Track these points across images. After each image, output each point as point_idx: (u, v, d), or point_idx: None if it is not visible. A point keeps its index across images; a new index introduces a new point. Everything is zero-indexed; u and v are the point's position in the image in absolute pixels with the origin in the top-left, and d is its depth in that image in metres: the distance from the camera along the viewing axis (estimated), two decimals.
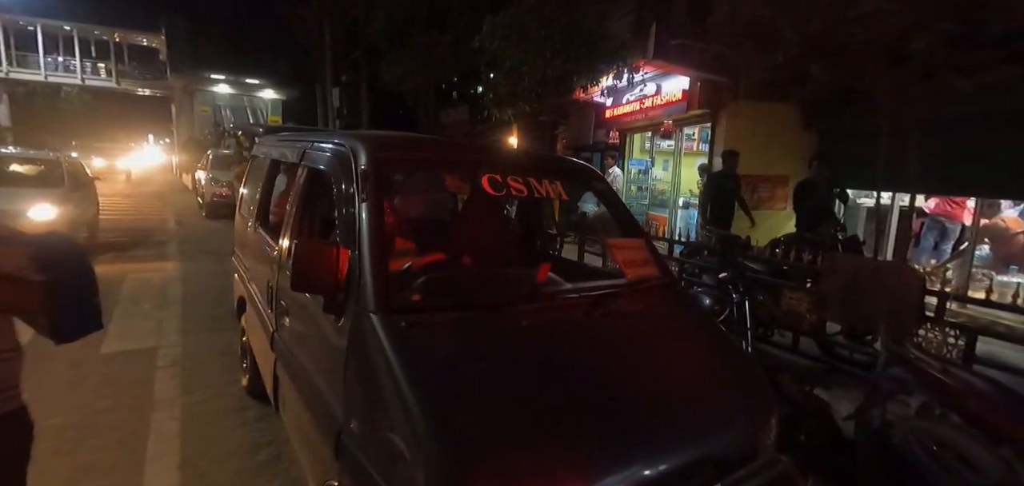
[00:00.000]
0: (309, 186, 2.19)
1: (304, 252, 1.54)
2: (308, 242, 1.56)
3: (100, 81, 34.00)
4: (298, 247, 1.54)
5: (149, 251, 7.85)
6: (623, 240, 2.27)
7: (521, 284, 1.84)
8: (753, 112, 7.41)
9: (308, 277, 1.54)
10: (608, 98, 9.86)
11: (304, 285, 1.55)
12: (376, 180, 1.71)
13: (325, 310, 1.60)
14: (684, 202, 9.42)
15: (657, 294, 2.10)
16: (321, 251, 1.56)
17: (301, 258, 1.53)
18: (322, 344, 1.72)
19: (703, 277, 4.91)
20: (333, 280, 1.56)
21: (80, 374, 3.62)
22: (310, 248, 1.56)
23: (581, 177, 2.44)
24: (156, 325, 4.67)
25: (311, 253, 1.55)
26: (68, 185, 6.91)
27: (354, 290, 1.54)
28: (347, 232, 1.66)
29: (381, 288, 1.49)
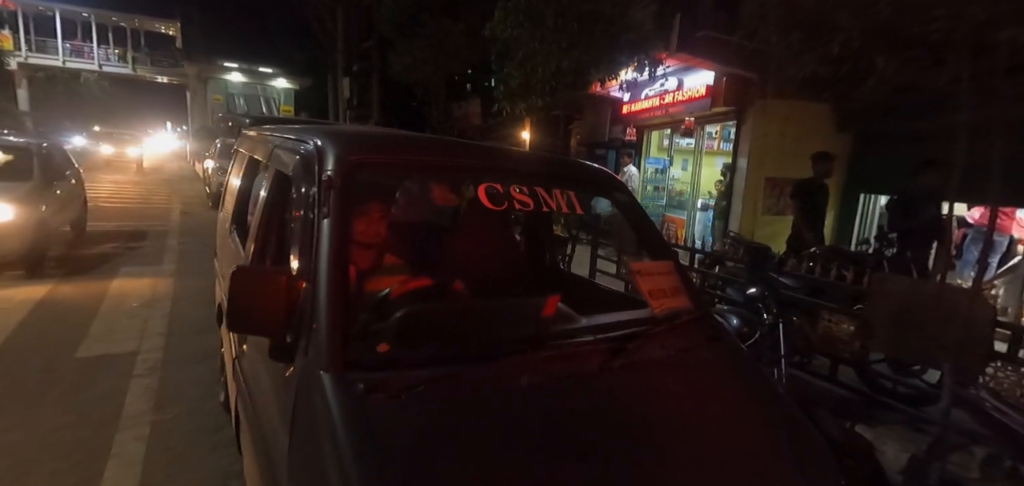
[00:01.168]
0: (275, 194, 1.84)
1: (243, 281, 1.20)
2: (248, 269, 1.22)
3: (117, 67, 34.26)
4: (236, 275, 1.20)
5: (146, 243, 7.62)
6: (648, 264, 1.89)
7: (522, 323, 1.47)
8: (783, 111, 6.92)
9: (247, 313, 1.20)
10: (626, 93, 9.42)
11: (242, 322, 1.20)
12: (343, 191, 1.35)
13: (271, 355, 1.25)
14: (703, 204, 8.97)
15: (690, 333, 1.73)
16: (265, 280, 1.21)
17: (239, 289, 1.19)
18: (272, 395, 1.37)
19: (727, 291, 4.50)
20: (280, 318, 1.21)
21: (51, 380, 3.35)
22: (251, 277, 1.21)
23: (599, 186, 2.06)
24: (140, 325, 4.39)
25: (252, 283, 1.20)
26: (38, 179, 5.69)
27: (305, 335, 1.19)
28: (303, 257, 1.31)
29: (336, 338, 1.13)
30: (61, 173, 6.61)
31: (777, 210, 7.47)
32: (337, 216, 1.30)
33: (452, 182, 1.93)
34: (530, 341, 1.37)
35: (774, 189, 7.36)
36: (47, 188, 5.85)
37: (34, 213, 5.29)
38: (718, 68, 6.89)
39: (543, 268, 2.70)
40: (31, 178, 5.61)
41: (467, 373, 1.20)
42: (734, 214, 7.52)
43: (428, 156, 1.55)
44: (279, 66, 30.24)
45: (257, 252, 1.83)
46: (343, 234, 1.29)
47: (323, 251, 1.25)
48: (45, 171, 5.93)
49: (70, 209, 6.79)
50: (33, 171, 5.71)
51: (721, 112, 7.38)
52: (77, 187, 7.27)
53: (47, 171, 6.01)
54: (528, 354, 1.30)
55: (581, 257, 5.97)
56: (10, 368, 3.49)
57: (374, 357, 1.17)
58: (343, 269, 1.24)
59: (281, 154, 1.81)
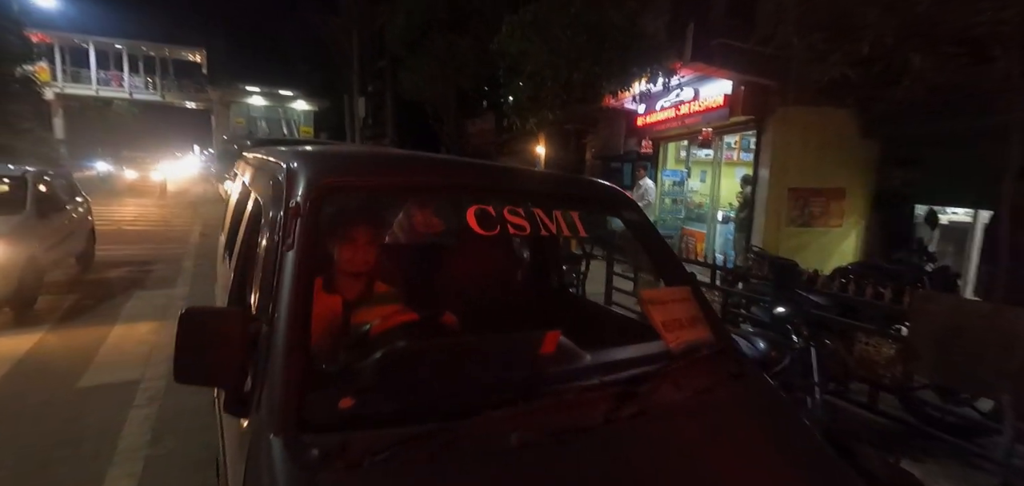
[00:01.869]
0: (252, 222, 1.70)
1: (193, 324, 1.05)
2: (199, 309, 1.06)
3: (146, 95, 35.58)
4: (186, 318, 1.05)
5: (162, 266, 7.67)
6: (662, 291, 1.69)
7: (517, 364, 1.28)
8: (804, 118, 6.62)
9: (197, 360, 1.04)
10: (640, 105, 9.21)
11: (191, 371, 1.05)
12: (310, 220, 1.20)
13: (226, 408, 1.09)
14: (723, 216, 8.66)
15: (710, 369, 1.52)
16: (219, 321, 1.06)
17: (188, 333, 1.04)
18: (230, 453, 1.22)
19: (752, 310, 4.23)
20: (235, 365, 1.05)
21: (48, 412, 3.29)
22: (202, 318, 1.06)
23: (605, 204, 1.88)
24: (146, 352, 4.33)
25: (204, 325, 1.05)
26: (30, 212, 5.18)
27: (258, 388, 1.03)
28: (263, 294, 1.16)
29: (290, 394, 0.97)
30: (61, 204, 6.14)
31: (802, 221, 7.13)
32: (302, 249, 1.14)
33: (437, 206, 1.76)
34: (524, 387, 1.19)
35: (798, 200, 7.03)
36: (41, 221, 5.39)
37: (20, 251, 4.77)
38: (735, 76, 6.65)
39: (550, 293, 2.52)
40: (22, 210, 5.16)
41: (445, 432, 1.02)
42: (757, 227, 7.20)
43: (410, 177, 1.40)
44: (299, 88, 30.99)
45: (235, 286, 1.69)
46: (307, 270, 1.13)
47: (284, 289, 1.09)
48: (41, 202, 5.49)
49: (73, 241, 6.36)
50: (25, 203, 5.25)
51: (740, 121, 7.12)
52: (83, 217, 6.86)
53: (44, 202, 5.58)
54: (520, 404, 1.12)
55: (597, 274, 5.75)
56: (9, 401, 3.42)
57: (335, 415, 1.00)
58: (304, 311, 1.08)
59: (258, 178, 1.68)
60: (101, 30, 31.93)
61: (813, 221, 7.16)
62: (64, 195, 6.45)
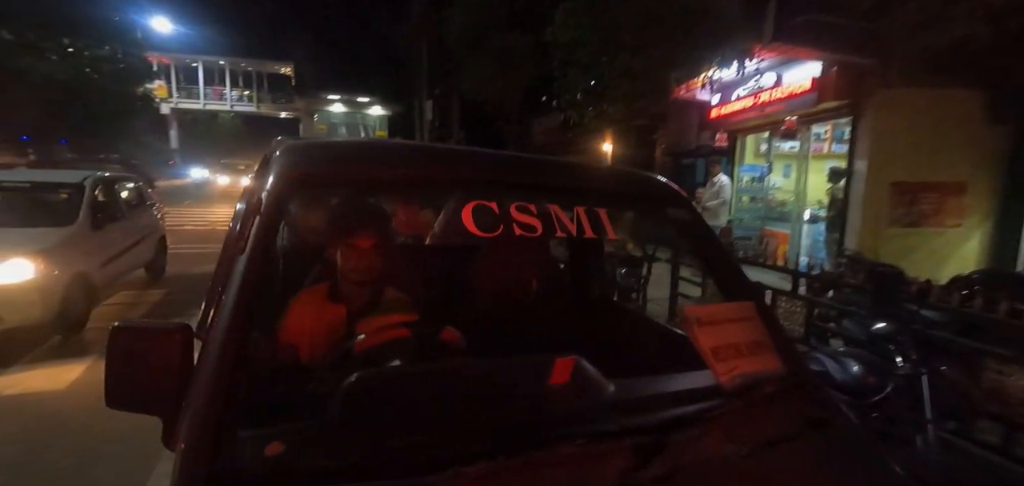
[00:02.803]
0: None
1: (125, 340, 0.91)
2: (133, 324, 0.92)
3: (245, 106, 39.18)
4: (116, 332, 0.91)
5: None
6: (713, 308, 1.35)
7: (511, 403, 1.03)
8: (913, 101, 5.69)
9: (129, 383, 0.90)
10: (714, 95, 8.49)
11: (122, 397, 0.91)
12: (272, 217, 1.03)
13: (164, 442, 0.94)
14: (811, 215, 7.74)
15: (779, 413, 1.18)
16: (153, 339, 0.91)
17: (119, 350, 0.90)
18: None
19: (844, 324, 3.62)
20: (171, 392, 0.90)
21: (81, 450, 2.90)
22: (135, 334, 0.92)
23: (645, 200, 1.56)
24: None
25: (136, 342, 0.91)
26: (83, 224, 4.64)
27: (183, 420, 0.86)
28: (207, 308, 1.00)
29: (205, 435, 0.79)
30: (120, 212, 5.57)
31: (909, 221, 6.15)
32: (254, 253, 0.97)
33: (427, 198, 1.54)
34: (515, 433, 0.93)
35: (904, 196, 6.07)
36: (97, 233, 4.81)
37: (64, 269, 4.19)
38: (826, 56, 5.85)
39: (588, 304, 2.22)
40: (73, 222, 4.57)
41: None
42: (851, 227, 6.32)
43: (394, 169, 1.19)
44: (374, 95, 32.68)
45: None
46: (255, 278, 0.95)
47: (226, 300, 0.92)
48: (100, 212, 4.95)
49: (139, 252, 5.91)
50: (79, 212, 4.67)
51: (831, 108, 6.28)
52: (153, 225, 6.46)
53: (103, 211, 5.05)
54: (502, 459, 0.86)
55: (659, 280, 5.29)
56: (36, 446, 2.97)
57: (259, 464, 0.81)
58: (241, 328, 0.89)
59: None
60: (207, 50, 35.56)
61: (923, 220, 6.16)
62: (132, 202, 6.09)
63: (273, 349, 1.21)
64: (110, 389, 0.91)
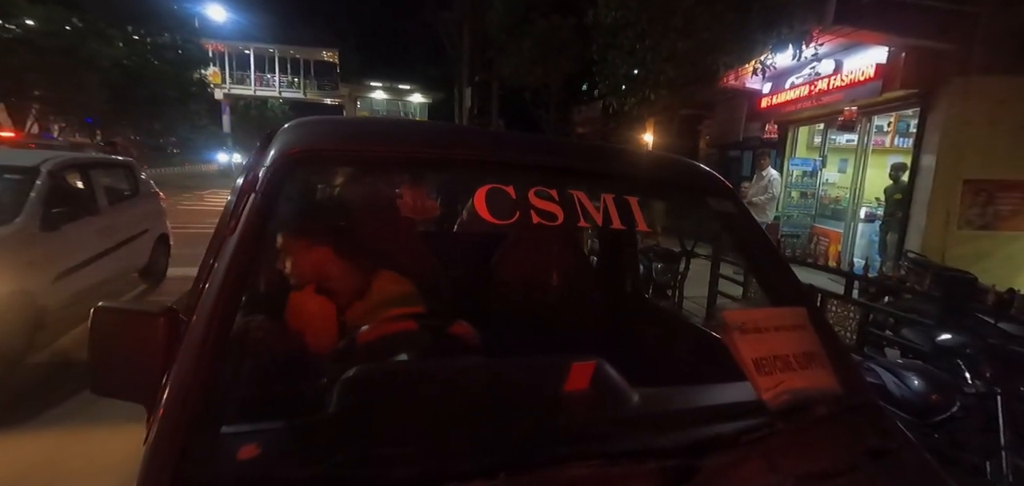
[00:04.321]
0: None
1: (108, 322, 0.86)
2: (116, 306, 0.88)
3: (293, 93, 40.57)
4: (99, 314, 0.86)
5: None
6: (756, 313, 1.19)
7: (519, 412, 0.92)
8: (992, 91, 5.15)
9: (114, 368, 0.86)
10: (766, 83, 8.01)
11: (107, 382, 0.87)
12: (268, 196, 0.96)
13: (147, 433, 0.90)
14: (867, 213, 7.21)
15: (834, 440, 1.03)
16: (137, 322, 0.86)
17: (102, 333, 0.86)
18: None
19: (904, 334, 3.30)
20: (156, 379, 0.85)
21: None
22: (118, 317, 0.87)
23: (687, 189, 1.41)
24: None
25: (119, 325, 0.86)
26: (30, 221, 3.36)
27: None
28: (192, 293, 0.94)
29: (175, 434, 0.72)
30: (96, 205, 4.23)
31: (982, 223, 5.62)
32: (245, 234, 0.90)
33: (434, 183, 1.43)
34: (519, 448, 0.83)
35: (978, 195, 5.53)
36: (51, 234, 3.51)
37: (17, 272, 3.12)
38: (894, 40, 5.37)
39: (620, 301, 2.07)
40: (14, 220, 3.30)
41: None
42: (915, 227, 5.82)
43: (400, 148, 1.10)
44: (415, 82, 33.05)
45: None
46: (244, 262, 0.88)
47: (211, 285, 0.86)
48: (55, 204, 3.62)
49: (125, 255, 4.56)
50: (24, 207, 3.38)
51: (898, 97, 5.78)
52: (147, 218, 5.08)
53: (64, 204, 3.74)
54: (503, 478, 0.76)
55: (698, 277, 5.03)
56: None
57: (233, 469, 0.74)
58: (223, 315, 0.83)
59: None
60: (258, 37, 36.94)
61: (999, 223, 5.61)
62: (121, 192, 4.82)
63: (265, 339, 1.15)
64: (94, 374, 0.87)
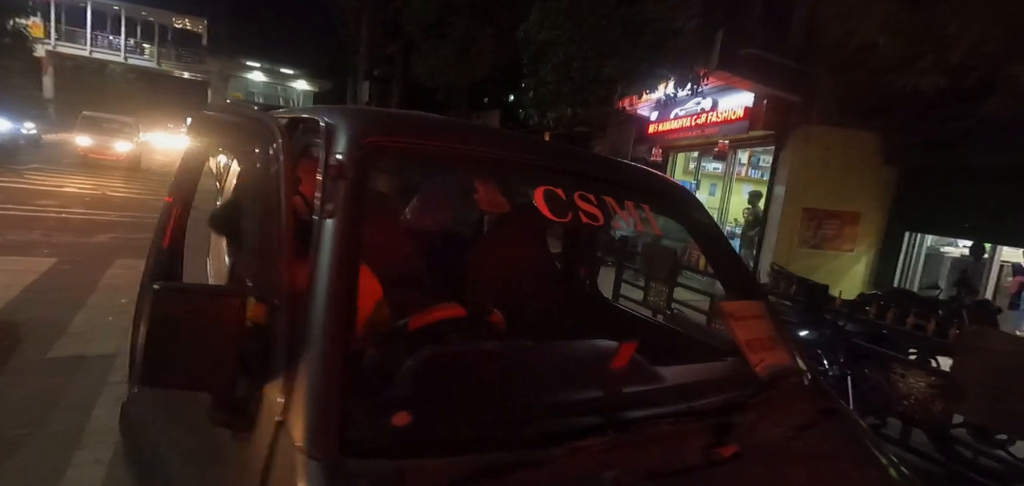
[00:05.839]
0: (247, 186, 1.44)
1: (172, 304, 0.78)
2: (180, 286, 0.81)
3: (142, 60, 34.74)
4: (161, 295, 0.78)
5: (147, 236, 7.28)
6: (742, 305, 1.46)
7: (593, 384, 1.04)
8: (825, 138, 6.48)
9: (175, 355, 0.78)
10: (654, 112, 9.03)
11: (168, 372, 0.79)
12: (358, 181, 0.96)
13: (214, 418, 0.84)
14: (729, 232, 8.52)
15: (803, 403, 1.31)
16: (207, 303, 0.80)
17: (164, 316, 0.77)
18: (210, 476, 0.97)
19: None
20: (228, 362, 0.80)
21: (16, 383, 2.98)
22: (183, 298, 0.80)
23: (673, 200, 1.64)
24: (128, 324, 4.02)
25: (186, 307, 0.79)
26: None
27: (277, 392, 0.78)
28: (268, 272, 0.91)
29: (330, 405, 0.72)
30: None
31: (814, 243, 6.99)
32: (347, 219, 0.89)
33: (503, 179, 1.50)
34: (608, 412, 0.95)
35: (812, 220, 6.89)
36: None
37: None
38: (760, 89, 6.48)
39: (583, 297, 2.28)
40: None
41: (527, 466, 0.78)
42: (768, 244, 7.05)
43: (473, 146, 1.16)
44: (301, 68, 30.55)
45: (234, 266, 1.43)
46: (353, 245, 0.88)
47: (321, 267, 0.84)
48: None
49: None
50: None
51: (759, 136, 6.96)
52: None
53: None
54: (611, 434, 0.88)
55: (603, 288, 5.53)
56: None
57: (386, 436, 0.76)
58: (348, 298, 0.83)
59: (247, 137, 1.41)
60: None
61: (825, 243, 7.03)
62: None
63: None
64: (150, 362, 0.78)
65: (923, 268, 7.03)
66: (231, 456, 0.90)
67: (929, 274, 6.72)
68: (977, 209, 5.24)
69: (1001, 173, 4.62)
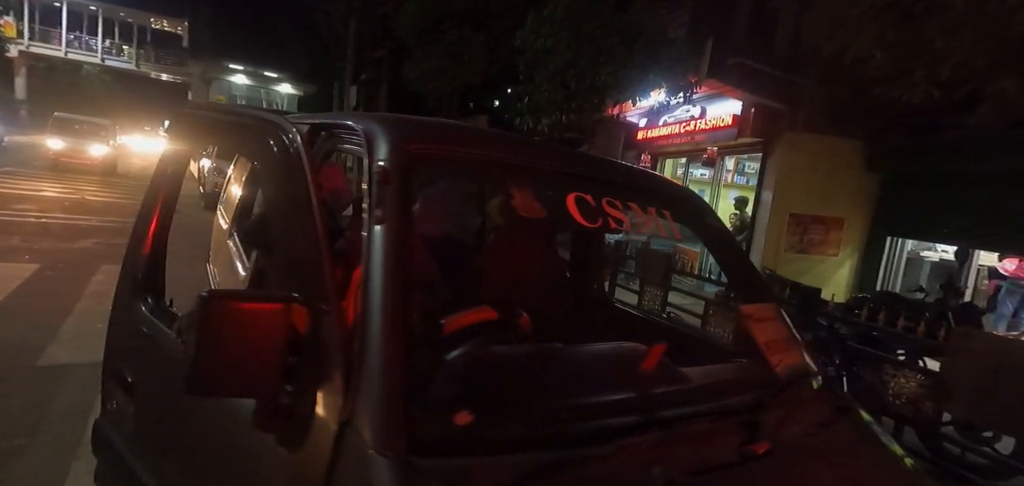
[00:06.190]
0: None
1: (222, 312, 0.78)
2: (230, 293, 0.82)
3: (120, 62, 33.90)
4: (212, 302, 0.78)
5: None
6: (759, 308, 1.51)
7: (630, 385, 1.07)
8: (811, 145, 6.66)
9: (226, 363, 0.78)
10: (642, 118, 9.17)
11: (220, 380, 0.79)
12: (404, 187, 0.97)
13: (259, 423, 0.84)
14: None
15: (820, 402, 1.36)
16: (257, 312, 0.80)
17: (215, 323, 0.77)
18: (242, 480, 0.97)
19: None
20: (277, 369, 0.81)
21: (7, 392, 2.89)
22: (234, 305, 0.80)
23: (689, 207, 1.69)
24: None
25: (237, 314, 0.79)
26: None
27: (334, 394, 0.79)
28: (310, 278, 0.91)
29: (396, 406, 0.74)
30: None
31: (800, 248, 7.15)
32: (397, 224, 0.91)
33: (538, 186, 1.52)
34: (649, 411, 0.98)
35: (799, 226, 7.05)
36: None
37: None
38: (748, 97, 6.63)
39: (593, 301, 2.31)
40: None
41: (582, 463, 0.80)
42: (755, 249, 7.19)
43: (507, 154, 1.19)
44: (285, 71, 30.13)
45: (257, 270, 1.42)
46: (404, 250, 0.90)
47: (374, 273, 0.85)
48: None
49: None
50: None
51: (747, 143, 7.12)
52: None
53: None
54: (655, 431, 0.91)
55: None
56: None
57: (450, 435, 0.77)
58: (404, 300, 0.84)
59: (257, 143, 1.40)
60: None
61: (811, 248, 7.19)
62: None
63: None
64: (201, 370, 0.78)
65: (904, 272, 7.25)
66: (273, 461, 0.90)
67: (910, 277, 6.94)
68: (956, 215, 5.44)
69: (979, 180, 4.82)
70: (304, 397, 0.85)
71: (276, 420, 0.86)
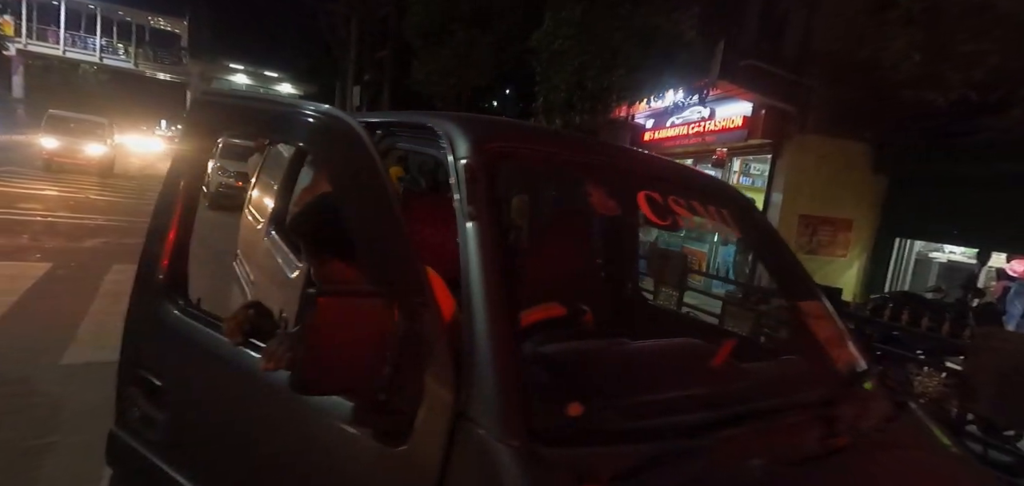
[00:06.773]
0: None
1: (334, 312, 0.78)
2: (339, 292, 0.82)
3: (118, 61, 33.76)
4: (326, 303, 0.78)
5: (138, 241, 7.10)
6: (814, 305, 1.52)
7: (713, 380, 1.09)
8: (820, 147, 6.69)
9: (330, 365, 0.78)
10: (649, 119, 9.19)
11: (329, 379, 0.79)
12: (491, 185, 0.98)
13: (358, 420, 0.85)
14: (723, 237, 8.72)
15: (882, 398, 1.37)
16: (361, 309, 0.81)
17: (327, 323, 0.77)
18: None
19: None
20: (381, 367, 0.81)
21: (25, 392, 2.86)
22: (344, 305, 0.80)
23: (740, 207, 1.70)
24: None
25: (346, 313, 0.79)
26: None
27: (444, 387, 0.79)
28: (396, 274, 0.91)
29: (513, 396, 0.74)
30: None
31: (809, 249, 7.18)
32: (489, 220, 0.92)
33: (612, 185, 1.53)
34: (739, 405, 0.99)
35: (808, 227, 7.08)
36: None
37: None
38: (758, 99, 6.66)
39: (628, 300, 2.32)
40: None
41: (690, 453, 0.81)
42: None
43: (580, 154, 1.21)
44: (285, 71, 30.10)
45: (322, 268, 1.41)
46: (499, 244, 0.91)
47: (473, 268, 0.86)
48: None
49: None
50: None
51: (756, 144, 7.14)
52: None
53: None
54: (751, 423, 0.93)
55: None
56: None
57: (564, 425, 0.78)
58: (506, 293, 0.85)
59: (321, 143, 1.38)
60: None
61: (820, 249, 7.22)
62: None
63: None
64: (310, 370, 0.78)
65: (913, 273, 7.29)
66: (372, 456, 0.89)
67: (919, 279, 6.97)
68: (966, 217, 5.48)
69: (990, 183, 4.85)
70: (405, 391, 0.85)
71: (377, 415, 0.86)
